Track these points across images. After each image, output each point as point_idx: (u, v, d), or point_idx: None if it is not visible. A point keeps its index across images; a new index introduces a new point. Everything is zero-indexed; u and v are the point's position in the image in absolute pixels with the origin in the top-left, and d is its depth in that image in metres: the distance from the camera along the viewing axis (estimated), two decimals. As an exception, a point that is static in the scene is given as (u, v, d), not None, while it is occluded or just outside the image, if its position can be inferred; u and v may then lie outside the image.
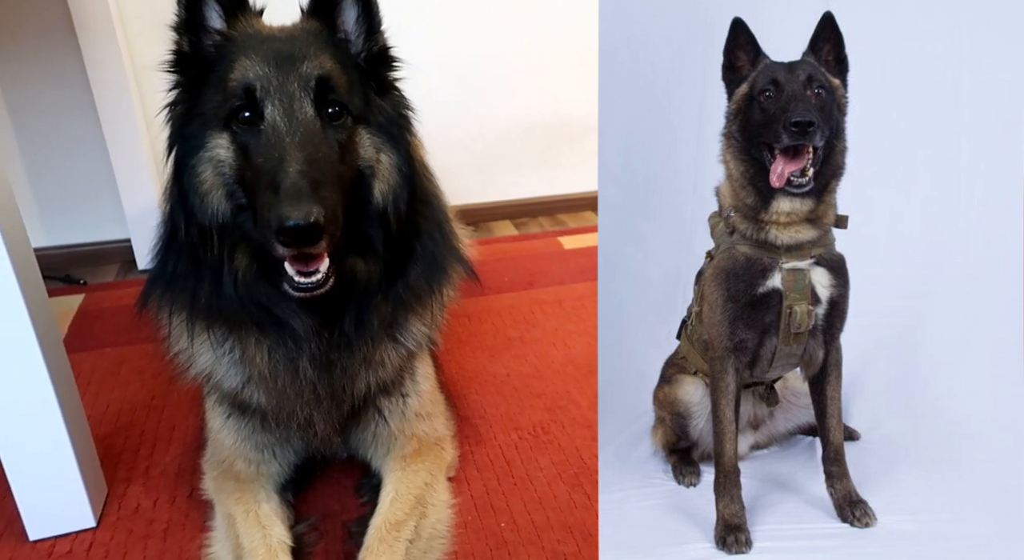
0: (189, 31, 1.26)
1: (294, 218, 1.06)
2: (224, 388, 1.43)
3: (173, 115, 1.28)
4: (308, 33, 1.28)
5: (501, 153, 3.16)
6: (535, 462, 1.69)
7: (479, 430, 1.80)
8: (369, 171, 1.28)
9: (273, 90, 1.19)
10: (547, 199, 3.30)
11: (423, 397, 1.56)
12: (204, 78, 1.25)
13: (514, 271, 2.70)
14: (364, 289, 1.32)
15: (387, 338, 1.42)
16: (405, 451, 1.53)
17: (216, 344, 1.35)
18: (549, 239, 3.04)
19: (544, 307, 2.43)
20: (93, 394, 2.01)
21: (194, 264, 1.29)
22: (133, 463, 1.75)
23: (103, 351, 2.24)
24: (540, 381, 2.02)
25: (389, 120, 1.31)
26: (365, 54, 1.33)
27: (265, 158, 1.15)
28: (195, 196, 1.24)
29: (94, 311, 2.52)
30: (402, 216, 1.32)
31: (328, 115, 1.22)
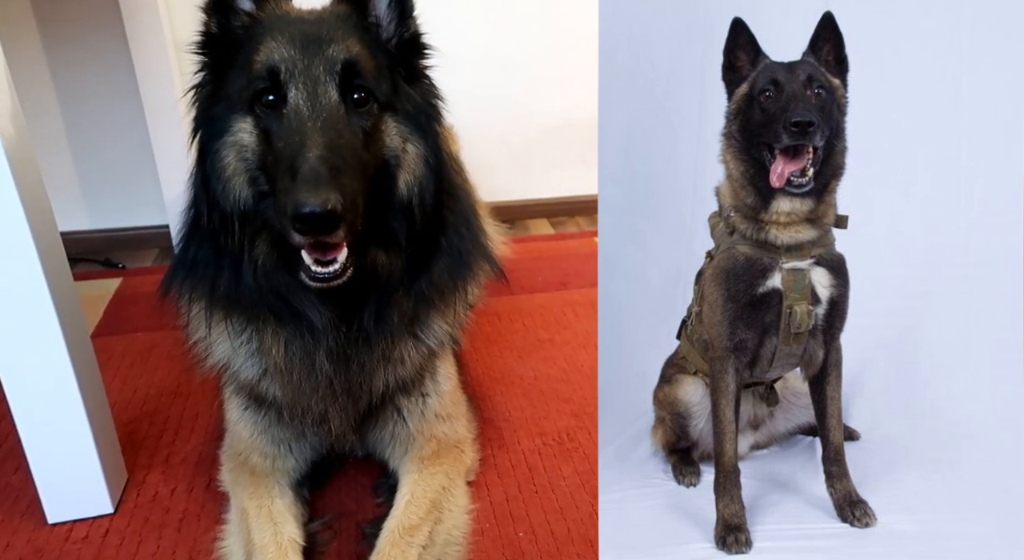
0: (219, 12, 1.25)
1: (310, 205, 1.03)
2: (241, 379, 1.41)
3: (199, 97, 1.27)
4: (337, 16, 1.25)
5: (540, 150, 3.10)
6: (558, 470, 1.65)
7: (503, 433, 1.76)
8: (395, 161, 1.25)
9: (298, 73, 1.17)
10: (586, 198, 3.21)
11: (444, 398, 1.53)
12: (231, 60, 1.23)
13: (548, 271, 2.65)
14: (385, 283, 1.29)
15: (408, 335, 1.39)
16: (423, 453, 1.50)
17: (233, 334, 1.33)
18: (585, 239, 2.97)
19: (577, 309, 2.38)
20: (122, 379, 2.01)
21: (215, 251, 1.27)
22: (155, 450, 1.75)
23: (135, 336, 2.24)
24: (568, 385, 1.97)
25: (417, 109, 1.28)
26: (396, 40, 1.29)
27: (286, 143, 1.13)
28: (217, 181, 1.22)
29: (130, 295, 2.54)
30: (427, 209, 1.28)
31: (354, 101, 1.19)
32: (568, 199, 3.22)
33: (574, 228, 3.17)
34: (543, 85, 2.98)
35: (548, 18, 2.89)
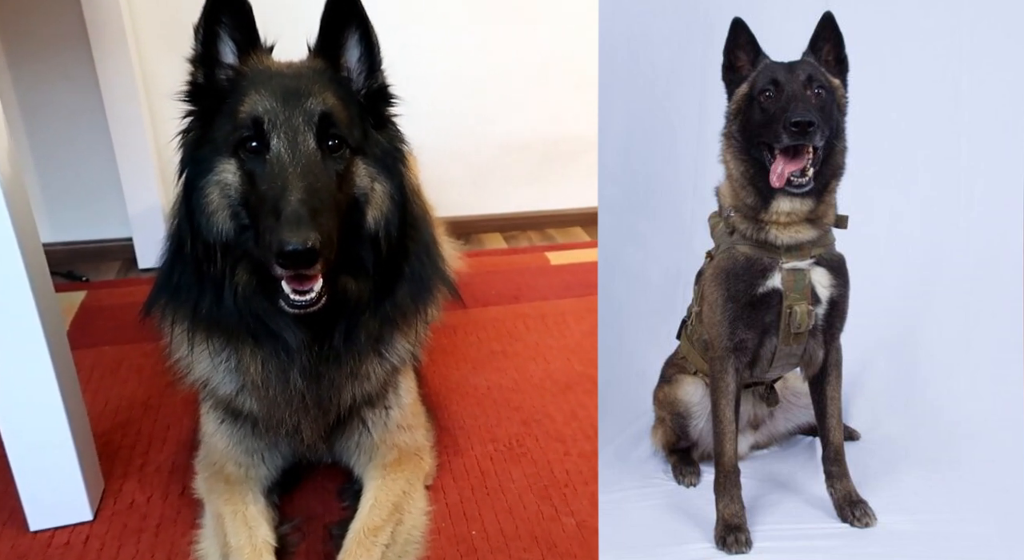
0: (205, 64, 1.35)
1: (293, 243, 1.15)
2: (219, 394, 1.52)
3: (185, 141, 1.38)
4: (314, 71, 1.38)
5: (497, 167, 3.26)
6: (508, 473, 1.76)
7: (458, 441, 1.86)
8: (364, 198, 1.37)
9: (279, 123, 1.29)
10: (538, 214, 3.39)
11: (405, 410, 1.64)
12: (216, 108, 1.34)
13: (501, 284, 2.75)
14: (354, 306, 1.41)
15: (373, 353, 1.51)
16: (386, 460, 1.61)
17: (214, 353, 1.44)
18: (537, 254, 3.10)
19: (528, 322, 2.49)
20: (93, 391, 2.05)
21: (197, 277, 1.37)
22: (129, 460, 1.80)
23: (103, 349, 2.27)
24: (518, 395, 2.08)
25: (384, 152, 1.41)
26: (365, 90, 1.42)
27: (269, 186, 1.25)
28: (202, 215, 1.33)
29: (95, 308, 2.56)
30: (393, 240, 1.41)
31: (328, 147, 1.31)
32: (520, 215, 3.37)
33: (526, 242, 3.30)
34: (499, 108, 3.14)
35: (505, 45, 3.04)
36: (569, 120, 3.22)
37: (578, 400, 2.05)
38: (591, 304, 2.57)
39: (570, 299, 2.64)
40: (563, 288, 2.73)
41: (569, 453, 1.83)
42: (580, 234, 3.35)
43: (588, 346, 2.32)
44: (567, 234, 3.35)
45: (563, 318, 2.50)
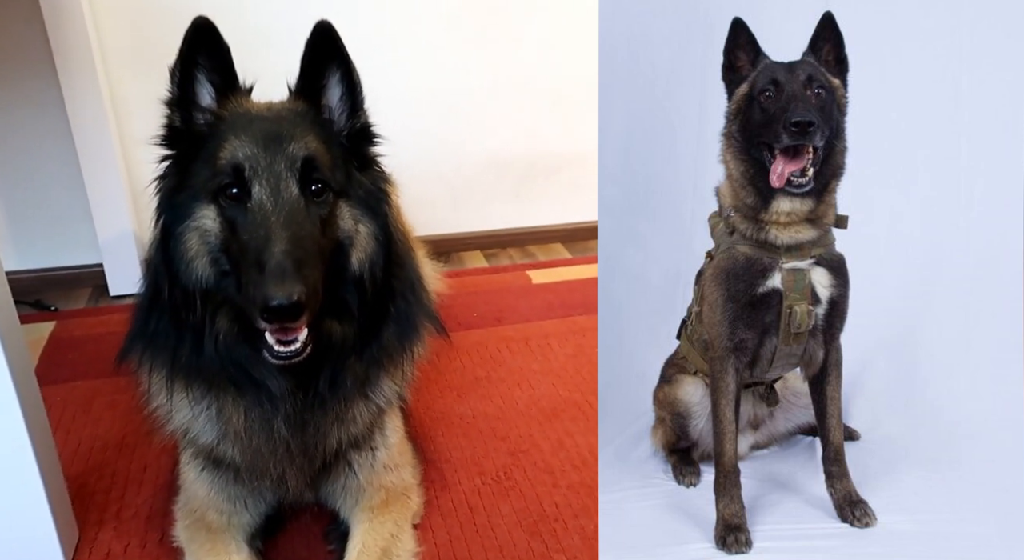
0: (181, 107, 1.30)
1: (279, 298, 1.12)
2: (200, 443, 1.47)
3: (162, 187, 1.33)
4: (295, 113, 1.34)
5: (476, 186, 3.27)
6: (497, 509, 1.71)
7: (444, 475, 1.82)
8: (348, 241, 1.34)
9: (261, 170, 1.24)
10: (518, 231, 3.41)
11: (392, 450, 1.60)
12: (194, 153, 1.30)
13: (483, 306, 2.72)
14: (339, 350, 1.37)
15: (359, 396, 1.47)
16: (373, 502, 1.56)
17: (194, 402, 1.39)
18: (518, 272, 3.07)
19: (511, 345, 2.45)
20: (64, 431, 1.96)
21: (176, 324, 1.33)
22: (105, 505, 1.72)
23: (75, 384, 2.17)
24: (504, 423, 2.03)
25: (368, 193, 1.37)
26: (347, 131, 1.38)
27: (251, 236, 1.21)
28: (181, 262, 1.29)
29: (66, 340, 2.45)
30: (377, 281, 1.37)
31: (312, 192, 1.27)
32: (500, 232, 3.39)
33: (507, 260, 3.29)
34: (476, 127, 3.16)
35: (481, 65, 3.07)
36: (546, 138, 3.25)
37: (564, 428, 2.00)
38: (573, 325, 2.55)
39: (553, 320, 2.61)
40: (545, 309, 2.70)
41: (558, 485, 1.78)
42: (561, 251, 3.37)
43: (572, 370, 2.29)
44: (548, 251, 3.36)
45: (546, 341, 2.46)
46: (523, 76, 3.11)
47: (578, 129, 3.21)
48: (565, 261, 3.23)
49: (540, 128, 3.22)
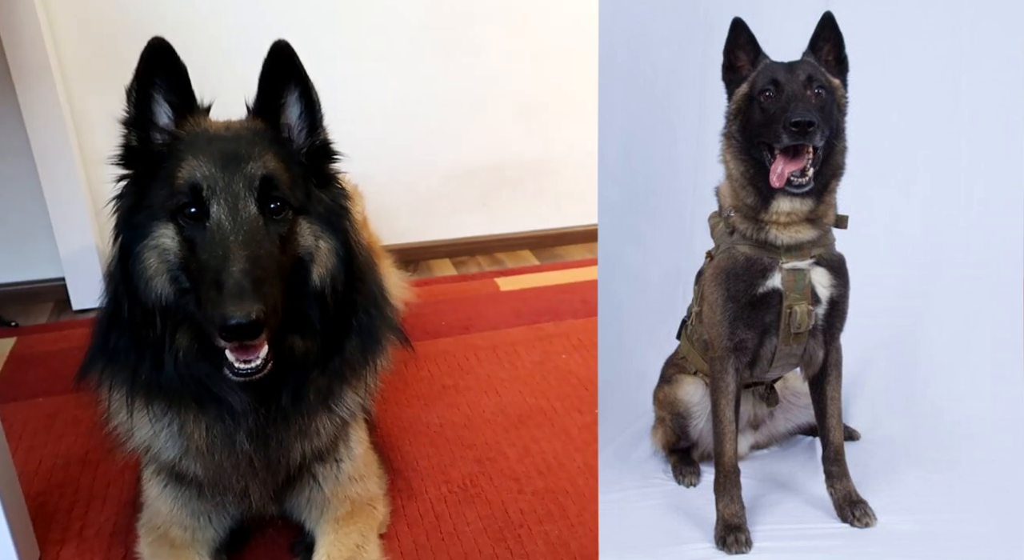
0: (138, 127, 1.30)
1: (237, 317, 1.13)
2: (162, 459, 1.47)
3: (120, 206, 1.33)
4: (253, 132, 1.34)
5: (443, 195, 3.29)
6: (463, 516, 1.72)
7: (411, 483, 1.82)
8: (308, 257, 1.35)
9: (219, 190, 1.25)
10: (485, 238, 3.42)
11: (356, 461, 1.61)
12: (152, 173, 1.30)
13: (451, 314, 2.71)
14: (301, 365, 1.37)
15: (323, 409, 1.47)
16: (338, 513, 1.56)
17: (155, 419, 1.39)
18: (486, 280, 3.07)
19: (479, 353, 2.44)
20: (26, 449, 1.93)
21: (135, 342, 1.33)
22: (67, 523, 1.70)
23: (36, 401, 2.14)
24: (471, 431, 2.04)
25: (328, 210, 1.38)
26: (307, 149, 1.39)
27: (210, 255, 1.21)
28: (140, 280, 1.29)
29: (27, 356, 2.42)
30: (339, 296, 1.38)
31: (271, 209, 1.28)
32: (469, 240, 3.40)
33: (475, 268, 3.29)
34: (442, 136, 3.17)
35: (446, 75, 3.08)
36: (513, 146, 3.27)
37: (531, 435, 2.00)
38: (541, 332, 2.55)
39: (520, 327, 2.60)
40: (513, 316, 2.69)
41: (523, 491, 1.79)
42: (529, 257, 3.38)
43: (539, 377, 2.29)
44: (516, 258, 3.37)
45: (514, 348, 2.46)
46: (488, 85, 3.13)
47: (544, 137, 3.24)
48: (533, 268, 3.23)
49: (506, 136, 3.24)
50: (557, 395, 2.19)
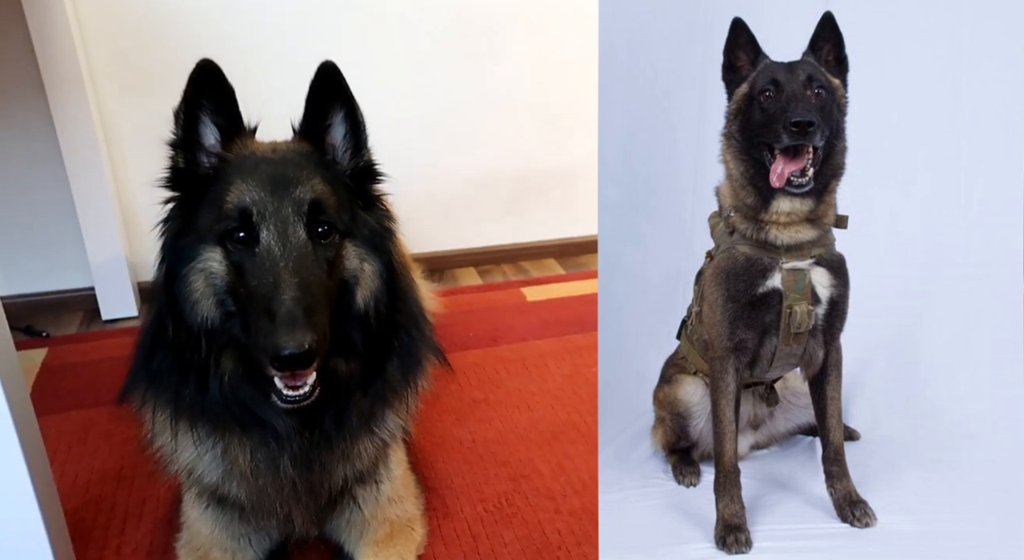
0: (186, 149, 1.30)
1: (290, 348, 1.12)
2: (204, 482, 1.46)
3: (167, 230, 1.32)
4: (300, 155, 1.33)
5: (467, 203, 3.28)
6: (500, 537, 1.69)
7: (446, 502, 1.80)
8: (353, 280, 1.34)
9: (268, 215, 1.24)
10: (510, 247, 3.41)
11: (395, 482, 1.60)
12: (199, 196, 1.30)
13: (478, 325, 2.68)
14: (344, 388, 1.36)
15: (365, 432, 1.47)
16: (377, 536, 1.56)
17: (199, 442, 1.38)
18: (512, 290, 3.04)
19: (508, 366, 2.42)
20: (61, 463, 1.92)
21: (180, 364, 1.32)
22: (104, 541, 1.68)
23: (69, 414, 2.12)
24: (504, 448, 2.00)
25: (373, 232, 1.37)
26: (351, 170, 1.38)
27: (260, 281, 1.21)
28: (186, 303, 1.29)
29: (59, 367, 2.40)
30: (382, 317, 1.37)
31: (318, 234, 1.28)
32: (494, 248, 3.39)
33: (500, 277, 3.26)
34: (467, 143, 3.16)
35: (471, 82, 3.07)
36: (537, 153, 3.26)
37: (564, 451, 1.97)
38: (569, 344, 2.53)
39: (549, 339, 2.58)
40: (541, 327, 2.66)
41: (560, 511, 1.76)
42: (554, 266, 3.36)
43: (570, 391, 2.26)
44: (541, 266, 3.36)
45: (543, 361, 2.43)
46: (512, 93, 3.12)
47: (569, 144, 3.22)
48: (559, 277, 3.20)
49: (530, 144, 3.23)
50: (589, 410, 2.14)
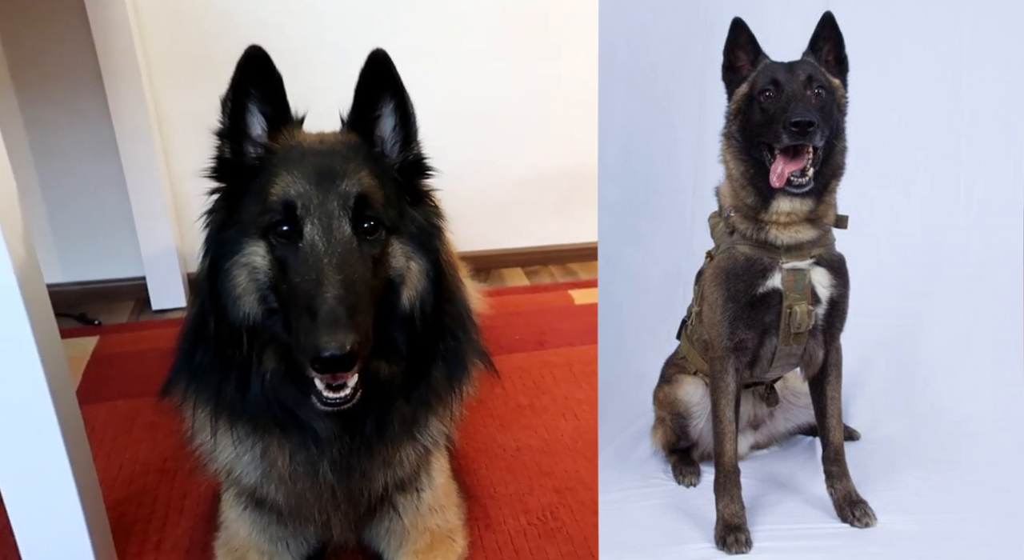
0: (232, 139, 1.27)
1: (331, 349, 1.08)
2: (243, 484, 1.43)
3: (211, 221, 1.29)
4: (347, 147, 1.29)
5: (517, 201, 3.24)
6: (543, 551, 1.63)
7: (488, 512, 1.75)
8: (399, 279, 1.29)
9: (313, 208, 1.20)
10: (559, 247, 3.37)
11: (437, 491, 1.56)
12: (244, 187, 1.26)
13: (524, 328, 2.63)
14: (386, 391, 1.32)
15: (407, 438, 1.42)
16: (418, 546, 1.52)
17: (238, 441, 1.35)
18: (560, 292, 2.98)
19: (554, 371, 2.36)
20: (105, 454, 1.91)
21: (221, 360, 1.29)
22: (145, 535, 1.67)
23: (115, 404, 2.12)
24: (549, 457, 1.95)
25: (420, 229, 1.32)
26: (400, 163, 1.33)
27: (303, 277, 1.17)
28: (228, 298, 1.25)
29: (108, 356, 2.43)
30: (428, 319, 1.32)
31: (364, 229, 1.23)
32: (542, 248, 3.36)
33: (548, 278, 3.22)
34: (518, 141, 3.13)
35: (523, 79, 3.05)
36: (589, 152, 3.16)
37: None
38: None
39: (596, 345, 2.51)
40: (588, 332, 2.56)
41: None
42: None
43: None
44: (589, 268, 3.30)
45: (590, 367, 2.34)
46: (565, 90, 3.08)
47: None
48: None
49: (582, 144, 3.13)
50: (635, 422, 2.09)
